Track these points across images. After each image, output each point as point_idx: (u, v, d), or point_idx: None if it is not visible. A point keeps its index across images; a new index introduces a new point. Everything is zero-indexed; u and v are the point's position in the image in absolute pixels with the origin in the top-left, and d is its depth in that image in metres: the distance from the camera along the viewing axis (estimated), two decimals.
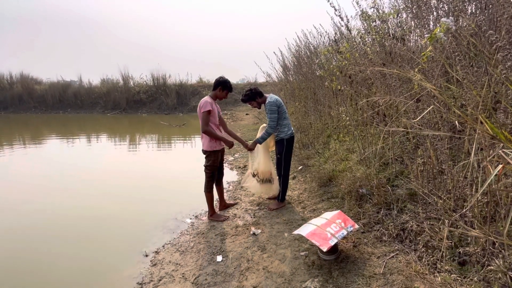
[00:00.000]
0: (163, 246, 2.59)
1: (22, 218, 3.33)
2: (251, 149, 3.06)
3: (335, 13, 2.89)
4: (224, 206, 3.27)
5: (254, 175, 3.24)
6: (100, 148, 7.70)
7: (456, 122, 1.21)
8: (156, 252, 2.51)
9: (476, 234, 1.33)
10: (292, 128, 3.06)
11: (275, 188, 3.20)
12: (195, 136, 8.88)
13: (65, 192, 4.14)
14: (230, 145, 2.97)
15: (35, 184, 4.53)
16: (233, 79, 18.55)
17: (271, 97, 2.94)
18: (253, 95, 2.94)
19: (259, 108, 3.07)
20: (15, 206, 3.69)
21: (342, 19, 3.05)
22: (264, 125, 3.14)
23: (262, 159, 3.13)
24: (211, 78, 17.69)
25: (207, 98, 2.82)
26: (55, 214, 3.44)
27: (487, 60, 1.66)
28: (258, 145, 3.08)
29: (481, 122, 1.21)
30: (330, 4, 2.80)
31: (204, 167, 2.94)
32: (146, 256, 2.46)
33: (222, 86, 2.87)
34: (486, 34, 0.93)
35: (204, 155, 2.92)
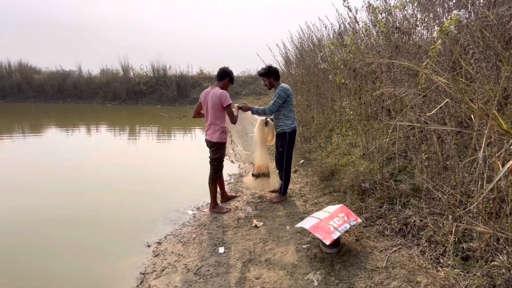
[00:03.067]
0: (165, 237, 2.60)
1: (23, 208, 3.33)
2: (241, 107, 2.96)
3: (343, 4, 2.83)
4: (226, 198, 3.27)
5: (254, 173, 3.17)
6: (101, 138, 7.67)
7: (472, 116, 1.18)
8: (158, 242, 2.51)
9: (482, 229, 1.32)
10: (296, 122, 3.03)
11: (271, 182, 3.19)
12: (195, 127, 8.84)
13: (66, 183, 4.14)
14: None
15: (36, 174, 4.53)
16: (234, 71, 18.33)
17: (282, 85, 2.92)
18: (270, 73, 2.93)
19: (269, 88, 3.04)
20: (15, 196, 3.69)
21: (350, 10, 2.98)
22: (263, 118, 3.10)
23: (259, 153, 3.08)
24: (212, 70, 17.50)
25: (222, 90, 2.78)
26: (56, 204, 3.44)
27: (497, 54, 1.63)
28: (255, 138, 3.06)
29: (493, 118, 1.19)
30: None
31: (211, 160, 2.93)
32: (149, 246, 2.46)
33: (229, 78, 2.87)
34: (508, 25, 0.91)
35: (212, 148, 2.89)
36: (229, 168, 4.58)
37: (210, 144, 2.89)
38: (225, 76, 2.85)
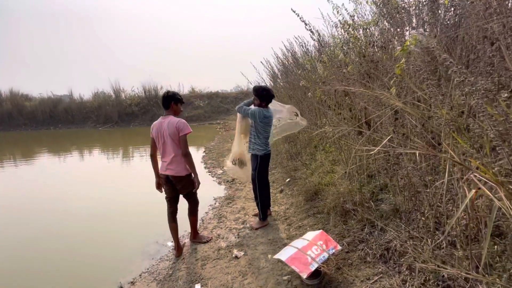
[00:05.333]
0: (140, 275, 2.46)
1: None
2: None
3: (305, 28, 2.84)
4: (195, 238, 2.92)
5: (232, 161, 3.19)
6: (82, 166, 7.53)
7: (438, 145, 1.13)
8: (132, 283, 2.37)
9: (451, 271, 1.23)
10: (270, 147, 2.96)
11: (247, 171, 3.10)
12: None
13: (38, 214, 3.97)
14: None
15: (8, 206, 4.37)
16: (227, 87, 18.54)
17: (267, 110, 2.89)
18: (265, 97, 2.86)
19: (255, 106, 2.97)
20: None
21: (313, 33, 3.00)
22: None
23: (236, 141, 3.15)
24: (203, 88, 17.68)
25: (179, 118, 2.56)
26: (22, 238, 3.28)
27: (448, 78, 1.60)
28: (236, 129, 3.15)
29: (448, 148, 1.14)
30: (300, 19, 2.75)
31: (185, 195, 2.70)
32: (121, 287, 2.32)
33: (174, 101, 2.57)
34: (441, 57, 0.87)
35: (180, 184, 2.58)
36: (215, 191, 4.48)
37: (176, 180, 2.56)
38: (169, 102, 2.55)
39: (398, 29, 2.39)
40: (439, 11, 2.27)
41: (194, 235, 2.89)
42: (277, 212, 3.31)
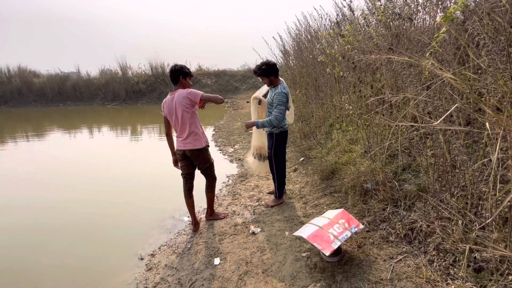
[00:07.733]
0: (159, 248, 2.50)
1: (12, 216, 3.26)
2: (248, 126, 2.71)
3: None
4: (212, 216, 2.91)
5: (253, 154, 3.14)
6: (97, 141, 7.60)
7: (489, 118, 1.02)
8: (151, 254, 2.41)
9: (504, 251, 1.17)
10: (287, 122, 2.81)
11: (266, 164, 3.05)
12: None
13: (57, 189, 4.06)
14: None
15: (26, 180, 4.47)
16: (233, 66, 18.11)
17: (283, 86, 2.64)
18: (269, 71, 2.59)
19: (268, 85, 2.77)
20: (5, 203, 3.63)
21: None
22: (256, 95, 2.94)
23: (255, 133, 3.03)
24: (210, 66, 17.31)
25: (187, 89, 2.45)
26: (45, 212, 3.37)
27: (509, 39, 1.44)
28: (252, 118, 2.98)
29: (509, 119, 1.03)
30: None
31: (203, 171, 2.64)
32: (142, 259, 2.37)
33: (182, 75, 2.43)
34: None
35: (198, 158, 2.54)
36: (228, 169, 4.46)
37: (193, 155, 2.50)
38: (177, 76, 2.42)
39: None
40: None
41: (211, 212, 2.89)
42: (292, 190, 3.28)
